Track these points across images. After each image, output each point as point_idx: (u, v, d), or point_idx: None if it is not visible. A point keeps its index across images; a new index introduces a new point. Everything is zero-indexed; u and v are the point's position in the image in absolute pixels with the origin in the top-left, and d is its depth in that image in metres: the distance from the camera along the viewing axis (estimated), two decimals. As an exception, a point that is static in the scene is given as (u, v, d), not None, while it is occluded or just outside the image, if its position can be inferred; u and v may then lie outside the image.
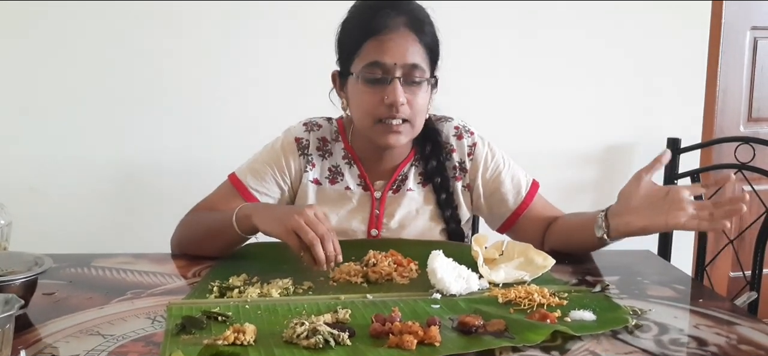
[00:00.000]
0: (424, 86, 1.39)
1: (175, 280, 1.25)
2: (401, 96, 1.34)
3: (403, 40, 1.35)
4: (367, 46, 1.35)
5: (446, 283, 1.14)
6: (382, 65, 1.34)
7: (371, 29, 1.35)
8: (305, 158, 1.47)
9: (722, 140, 2.29)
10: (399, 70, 1.34)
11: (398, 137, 1.38)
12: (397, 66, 1.34)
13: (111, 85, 2.27)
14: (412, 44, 1.36)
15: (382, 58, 1.34)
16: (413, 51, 1.35)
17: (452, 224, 1.49)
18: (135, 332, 0.97)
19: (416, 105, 1.37)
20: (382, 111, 1.35)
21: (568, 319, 1.03)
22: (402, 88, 1.34)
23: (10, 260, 1.09)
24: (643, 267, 1.36)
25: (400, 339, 0.91)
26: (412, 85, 1.36)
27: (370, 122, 1.38)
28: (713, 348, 0.96)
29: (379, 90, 1.35)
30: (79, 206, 2.28)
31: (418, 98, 1.37)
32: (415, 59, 1.36)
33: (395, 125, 1.36)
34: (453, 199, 1.49)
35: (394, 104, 1.34)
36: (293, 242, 1.17)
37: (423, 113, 1.41)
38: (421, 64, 1.37)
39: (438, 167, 1.48)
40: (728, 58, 2.78)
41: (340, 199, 1.47)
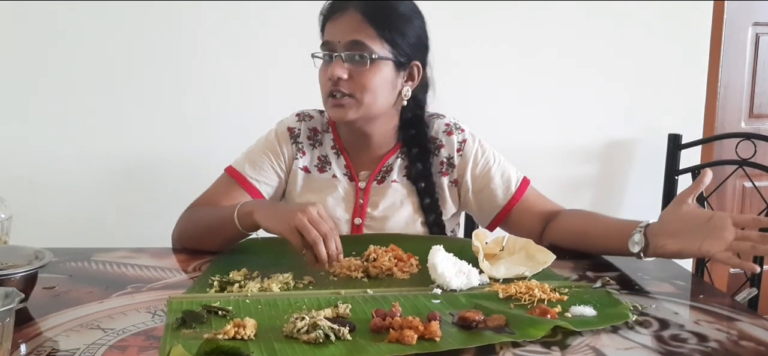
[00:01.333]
0: (376, 66, 1.39)
1: (176, 274, 1.25)
2: (337, 71, 1.38)
3: (347, 18, 1.40)
4: (325, 30, 1.44)
5: (447, 278, 1.14)
6: (328, 44, 1.42)
7: (327, 14, 1.44)
8: (296, 146, 1.50)
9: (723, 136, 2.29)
10: (341, 47, 1.39)
11: (342, 111, 1.41)
12: (340, 44, 1.39)
13: (111, 80, 2.27)
14: (356, 23, 1.39)
15: (329, 36, 1.42)
16: (358, 29, 1.39)
17: (435, 229, 1.51)
18: (135, 326, 0.97)
19: (361, 81, 1.39)
20: (328, 86, 1.41)
21: (568, 314, 1.03)
22: (346, 64, 1.39)
23: (11, 254, 1.08)
24: (643, 262, 1.36)
25: (400, 334, 0.91)
26: (355, 62, 1.39)
27: (324, 98, 1.44)
28: (714, 344, 0.96)
29: (327, 68, 1.41)
30: (79, 200, 2.28)
31: (364, 76, 1.39)
32: (358, 37, 1.39)
33: (337, 98, 1.40)
34: (437, 205, 1.50)
35: (331, 78, 1.39)
36: (296, 241, 1.17)
37: (374, 91, 1.40)
38: (366, 41, 1.38)
39: (423, 171, 1.49)
40: (730, 54, 2.78)
41: (326, 187, 1.49)
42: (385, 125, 1.48)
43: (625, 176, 2.67)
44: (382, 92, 1.42)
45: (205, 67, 2.32)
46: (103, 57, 2.25)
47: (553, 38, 2.53)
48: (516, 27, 2.51)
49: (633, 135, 2.65)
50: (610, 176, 2.66)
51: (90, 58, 2.25)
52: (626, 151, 2.66)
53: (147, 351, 0.89)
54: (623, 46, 2.59)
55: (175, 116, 2.31)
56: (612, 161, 2.65)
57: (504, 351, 0.91)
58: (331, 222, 1.20)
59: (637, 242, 1.25)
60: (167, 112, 2.31)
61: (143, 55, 2.28)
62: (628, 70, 2.61)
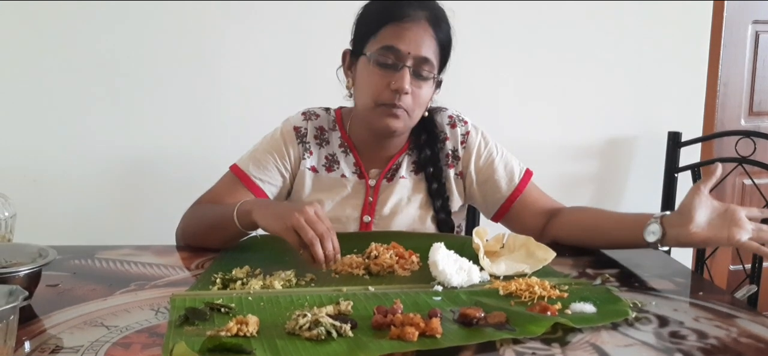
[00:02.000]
0: (430, 83, 1.41)
1: (178, 272, 1.25)
2: (407, 84, 1.36)
3: (421, 31, 1.37)
4: (385, 30, 1.38)
5: (447, 275, 1.14)
6: (396, 51, 1.37)
7: (392, 15, 1.38)
8: (303, 146, 1.49)
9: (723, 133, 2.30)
10: (411, 59, 1.37)
11: (396, 122, 1.40)
12: (410, 55, 1.37)
13: (114, 78, 2.27)
14: (428, 38, 1.38)
15: (397, 43, 1.36)
16: (428, 45, 1.38)
17: (442, 214, 1.51)
18: (139, 323, 0.98)
19: (419, 98, 1.40)
20: (386, 95, 1.38)
21: (568, 311, 1.03)
22: (410, 78, 1.36)
23: (14, 251, 1.09)
24: (643, 259, 1.37)
25: (401, 330, 0.92)
26: (419, 78, 1.39)
27: (371, 104, 1.40)
28: (713, 341, 0.97)
29: (388, 74, 1.37)
30: (83, 198, 2.29)
31: (422, 92, 1.40)
32: (428, 53, 1.38)
33: (396, 111, 1.38)
34: (445, 189, 1.51)
35: (399, 90, 1.36)
36: (293, 240, 1.17)
37: (423, 107, 1.44)
38: (433, 59, 1.39)
39: (432, 156, 1.50)
40: (729, 52, 2.78)
41: (335, 186, 1.49)
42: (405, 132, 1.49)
43: (625, 173, 2.67)
44: (425, 107, 1.45)
45: (209, 65, 2.32)
46: (108, 55, 2.25)
47: (553, 36, 2.53)
48: (517, 24, 2.51)
49: (633, 132, 2.66)
50: (610, 173, 2.66)
51: (94, 56, 2.25)
52: (626, 148, 2.66)
53: (150, 349, 0.89)
54: (623, 44, 2.59)
55: (178, 114, 2.32)
56: (612, 158, 2.66)
57: (504, 348, 0.91)
58: (328, 222, 1.19)
59: (653, 232, 1.27)
60: (171, 110, 2.31)
61: (147, 54, 2.28)
62: (628, 68, 2.61)
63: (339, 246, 1.18)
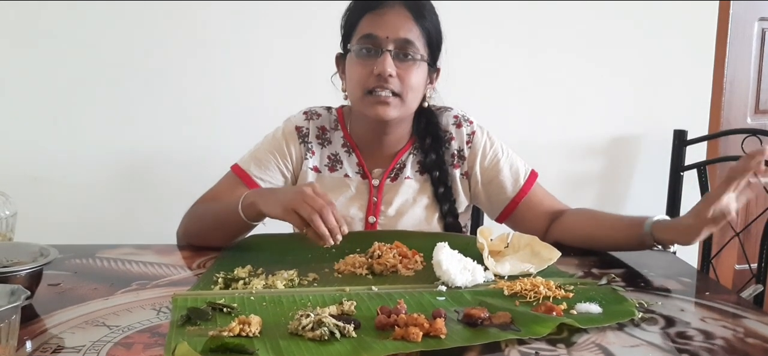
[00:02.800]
0: (419, 65, 1.39)
1: (180, 271, 1.25)
2: (390, 67, 1.35)
3: (396, 15, 1.37)
4: (363, 21, 1.39)
5: (452, 275, 1.14)
6: (374, 38, 1.37)
7: (368, 5, 1.39)
8: (305, 146, 1.49)
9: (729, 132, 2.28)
10: (391, 43, 1.36)
11: (386, 109, 1.38)
12: (389, 40, 1.36)
13: (115, 77, 2.27)
14: (406, 21, 1.37)
15: (375, 30, 1.37)
16: (407, 27, 1.37)
17: (450, 218, 1.50)
18: (140, 323, 0.97)
19: (408, 80, 1.38)
20: (371, 82, 1.37)
21: (574, 312, 1.03)
22: (394, 61, 1.36)
23: (16, 250, 1.08)
24: (649, 259, 1.36)
25: (405, 331, 0.91)
26: (404, 61, 1.37)
27: (360, 94, 1.39)
28: (720, 341, 0.96)
29: (370, 62, 1.37)
30: (84, 197, 2.29)
31: (411, 75, 1.38)
32: (408, 35, 1.37)
33: (383, 96, 1.37)
34: (451, 192, 1.50)
35: (382, 74, 1.35)
36: (295, 221, 1.18)
37: (416, 91, 1.41)
38: (415, 41, 1.38)
39: (437, 160, 1.49)
40: (735, 50, 2.77)
41: (338, 186, 1.48)
42: (403, 124, 1.48)
43: (630, 172, 2.66)
44: (419, 93, 1.43)
45: (209, 64, 2.32)
46: (108, 55, 2.25)
47: (558, 35, 2.52)
48: (522, 23, 2.50)
49: (638, 131, 2.65)
50: (615, 172, 2.65)
51: (96, 55, 2.25)
52: (632, 147, 2.65)
53: (152, 348, 0.89)
54: (629, 42, 2.58)
55: (179, 113, 2.31)
56: (617, 157, 2.65)
57: (509, 349, 0.90)
58: (328, 197, 1.20)
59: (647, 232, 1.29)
60: (172, 109, 2.31)
61: (148, 52, 2.27)
62: (634, 66, 2.60)
63: (342, 219, 1.19)
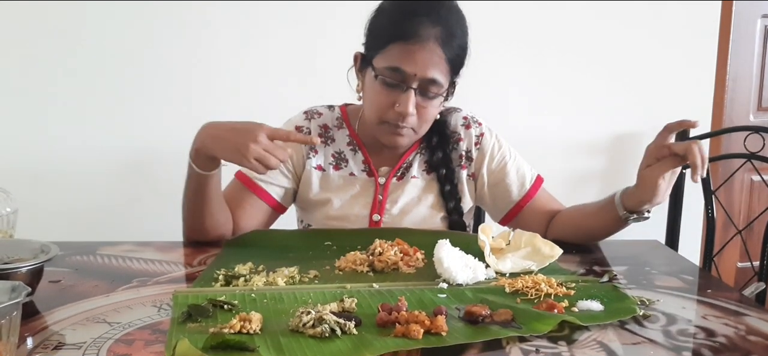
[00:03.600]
0: (438, 100, 1.39)
1: (181, 268, 1.25)
2: (412, 106, 1.34)
3: (428, 54, 1.32)
4: (393, 48, 1.33)
5: (453, 272, 1.13)
6: (402, 73, 1.33)
7: (400, 33, 1.32)
8: (306, 146, 1.47)
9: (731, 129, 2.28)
10: (417, 81, 1.33)
11: (400, 140, 1.40)
12: (416, 77, 1.33)
13: (117, 74, 2.27)
14: (436, 59, 1.33)
15: (404, 65, 1.32)
16: (436, 65, 1.33)
17: (455, 216, 1.49)
18: (141, 320, 0.97)
19: (425, 115, 1.38)
20: (390, 115, 1.36)
21: (575, 309, 1.03)
22: (416, 99, 1.34)
23: (17, 247, 1.09)
24: (650, 257, 1.36)
25: (406, 328, 0.91)
26: (426, 97, 1.36)
27: (376, 120, 1.39)
28: (721, 339, 0.96)
29: (393, 94, 1.34)
30: (85, 194, 2.29)
31: (429, 110, 1.38)
32: (436, 74, 1.33)
33: (398, 129, 1.37)
34: (457, 191, 1.50)
35: (403, 114, 1.34)
36: (256, 170, 1.21)
37: (429, 122, 1.42)
38: (440, 79, 1.35)
39: (444, 158, 1.49)
40: (738, 47, 2.76)
41: (344, 184, 1.48)
42: None
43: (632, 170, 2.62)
44: (432, 120, 1.43)
45: (211, 62, 2.32)
46: (109, 51, 2.25)
47: (561, 33, 2.52)
48: (524, 22, 2.50)
49: (641, 128, 2.64)
50: (617, 170, 2.65)
51: (97, 52, 2.25)
52: (633, 144, 2.64)
53: (153, 345, 0.89)
54: (631, 39, 2.58)
55: (180, 111, 2.31)
56: (619, 155, 2.64)
57: (511, 346, 0.90)
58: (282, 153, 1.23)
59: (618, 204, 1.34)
60: (173, 106, 2.31)
61: (149, 50, 2.28)
62: (636, 63, 2.60)
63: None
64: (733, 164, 2.11)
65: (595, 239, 1.44)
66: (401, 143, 1.40)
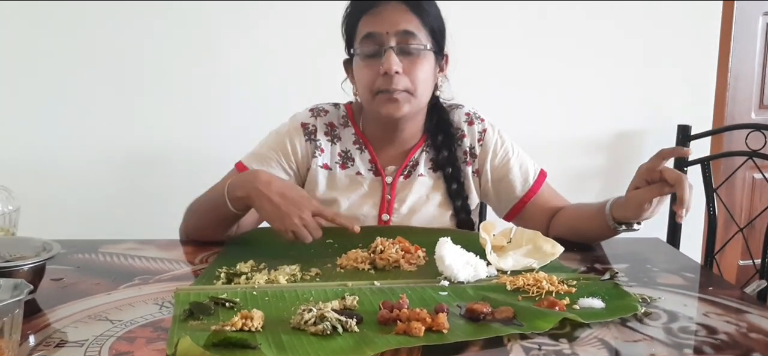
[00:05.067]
0: (425, 56, 1.38)
1: (183, 266, 1.25)
2: (395, 64, 1.34)
3: (392, 10, 1.36)
4: (362, 22, 1.38)
5: (454, 270, 1.13)
6: (375, 36, 1.36)
7: (362, 9, 1.38)
8: (313, 144, 1.47)
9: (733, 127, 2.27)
10: (392, 38, 1.35)
11: (398, 106, 1.37)
12: (389, 34, 1.35)
13: (119, 72, 2.27)
14: (403, 13, 1.36)
15: (374, 28, 1.36)
16: (405, 19, 1.36)
17: (462, 214, 1.49)
18: (143, 317, 0.98)
19: (415, 74, 1.37)
20: (380, 82, 1.36)
21: (576, 307, 1.03)
22: (398, 57, 1.35)
23: (19, 245, 1.09)
24: (652, 254, 1.36)
25: (407, 326, 0.91)
26: (408, 55, 1.36)
27: (370, 95, 1.39)
28: (723, 336, 0.96)
29: (375, 62, 1.36)
30: (87, 192, 2.29)
31: (418, 68, 1.37)
32: (409, 27, 1.36)
33: (391, 94, 1.36)
34: (464, 189, 1.49)
35: (388, 71, 1.34)
36: (288, 239, 1.24)
37: (425, 83, 1.40)
38: (417, 32, 1.36)
39: (449, 157, 1.48)
40: (740, 44, 2.76)
41: (351, 184, 1.47)
42: (417, 119, 1.47)
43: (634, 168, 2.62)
44: (429, 84, 1.42)
45: (213, 60, 2.32)
46: (112, 50, 2.26)
47: (562, 30, 2.52)
48: (526, 19, 2.49)
49: (642, 126, 2.64)
50: (619, 167, 2.64)
51: (99, 50, 2.25)
52: (635, 142, 2.65)
53: (155, 343, 0.89)
54: (633, 37, 2.57)
55: (182, 108, 2.32)
56: (621, 152, 2.64)
57: (512, 344, 0.90)
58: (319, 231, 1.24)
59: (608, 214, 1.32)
60: (175, 104, 2.31)
61: (152, 48, 2.28)
62: (638, 60, 2.59)
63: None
64: (735, 161, 2.11)
65: (590, 241, 1.43)
66: (400, 110, 1.38)
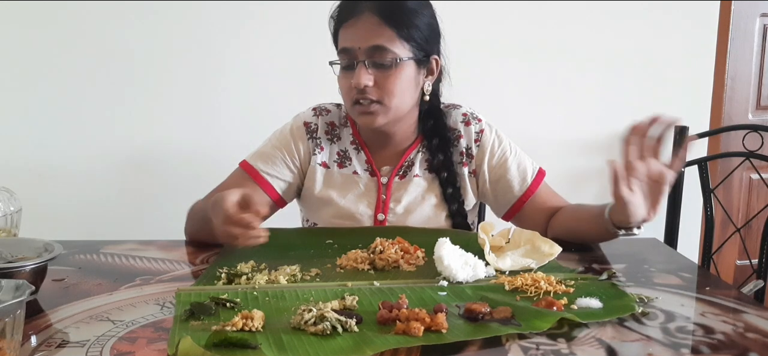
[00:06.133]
0: (400, 68, 1.38)
1: (184, 267, 1.26)
2: (363, 78, 1.36)
3: (364, 24, 1.37)
4: (340, 34, 1.41)
5: (453, 270, 1.14)
6: (348, 51, 1.38)
7: (341, 19, 1.40)
8: (313, 142, 1.49)
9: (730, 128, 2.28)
10: (362, 54, 1.37)
11: (371, 118, 1.40)
12: (360, 50, 1.37)
13: (120, 73, 2.27)
14: (374, 27, 1.36)
15: (347, 43, 1.38)
16: (376, 33, 1.36)
17: (458, 218, 1.50)
18: (144, 318, 0.98)
19: (386, 86, 1.38)
20: (353, 95, 1.39)
21: (574, 307, 1.03)
22: (368, 71, 1.37)
23: (20, 246, 1.09)
24: (649, 254, 1.36)
25: (407, 325, 0.92)
26: (379, 67, 1.38)
27: (349, 105, 1.42)
28: (720, 336, 0.96)
29: (350, 75, 1.39)
30: (88, 193, 2.29)
31: (390, 81, 1.38)
32: (379, 41, 1.36)
33: (365, 105, 1.38)
34: (459, 194, 1.50)
35: (357, 87, 1.37)
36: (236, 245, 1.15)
37: (401, 93, 1.40)
38: (388, 45, 1.37)
39: (445, 161, 1.49)
40: (737, 46, 2.77)
41: (347, 183, 1.48)
42: (407, 122, 1.48)
43: (631, 168, 2.66)
44: (408, 93, 1.42)
45: (215, 61, 2.32)
46: (114, 51, 2.26)
47: (559, 32, 2.52)
48: (524, 21, 2.50)
49: (640, 127, 2.64)
50: (616, 169, 2.65)
51: (100, 52, 2.25)
52: (633, 143, 2.65)
53: (156, 343, 0.89)
54: (630, 38, 2.58)
55: (184, 109, 2.32)
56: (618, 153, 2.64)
57: (510, 343, 0.91)
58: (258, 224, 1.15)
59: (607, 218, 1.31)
60: (177, 105, 2.32)
61: (153, 49, 2.28)
62: (635, 62, 2.60)
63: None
64: (732, 162, 2.12)
65: (589, 243, 1.43)
66: (374, 120, 1.40)
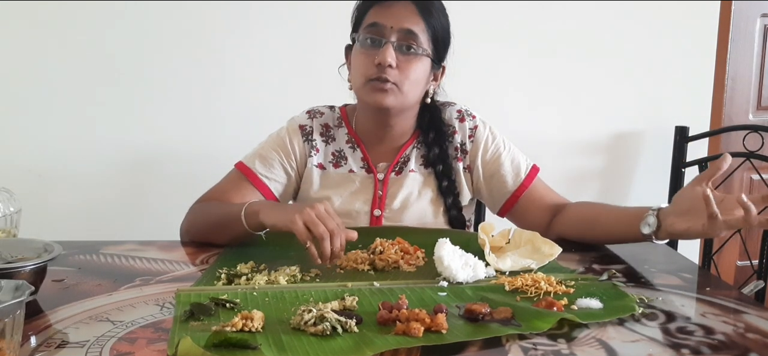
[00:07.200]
0: (421, 59, 1.40)
1: (183, 267, 1.25)
2: (390, 58, 1.37)
3: (401, 7, 1.39)
4: (371, 12, 1.41)
5: (453, 271, 1.14)
6: (379, 27, 1.39)
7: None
8: (309, 144, 1.50)
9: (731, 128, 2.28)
10: (394, 34, 1.38)
11: (384, 96, 1.39)
12: (393, 30, 1.38)
13: (120, 74, 2.27)
14: (411, 13, 1.39)
15: (380, 20, 1.39)
16: (412, 20, 1.39)
17: (454, 211, 1.51)
18: (144, 318, 0.98)
19: (408, 72, 1.39)
20: (372, 71, 1.39)
21: (574, 307, 1.03)
22: (396, 53, 1.37)
23: (20, 246, 1.09)
24: (650, 255, 1.36)
25: (407, 326, 0.92)
26: (406, 53, 1.39)
27: (362, 82, 1.41)
28: (720, 336, 0.96)
29: (373, 52, 1.39)
30: (88, 193, 2.29)
31: (412, 68, 1.39)
32: (413, 27, 1.38)
33: (381, 83, 1.38)
34: (455, 186, 1.51)
35: (382, 63, 1.37)
36: (302, 234, 1.15)
37: (415, 84, 1.42)
38: (419, 35, 1.39)
39: (440, 154, 1.50)
40: (738, 46, 2.76)
41: (343, 182, 1.49)
42: (407, 116, 1.49)
43: (632, 169, 2.66)
44: (420, 86, 1.44)
45: (213, 62, 2.32)
46: (113, 51, 2.26)
47: (559, 31, 2.52)
48: (524, 21, 2.50)
49: (640, 127, 2.65)
50: (617, 169, 2.65)
51: (99, 52, 2.25)
52: (633, 143, 2.65)
53: (155, 344, 0.89)
54: (631, 38, 2.58)
55: (183, 110, 2.32)
56: (619, 153, 2.65)
57: (510, 344, 0.91)
58: (339, 219, 1.19)
59: (650, 225, 1.27)
60: (176, 106, 2.32)
61: (152, 50, 2.28)
62: (636, 62, 2.60)
63: (345, 245, 1.18)
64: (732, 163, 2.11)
65: (603, 243, 1.41)
66: (387, 100, 1.40)
